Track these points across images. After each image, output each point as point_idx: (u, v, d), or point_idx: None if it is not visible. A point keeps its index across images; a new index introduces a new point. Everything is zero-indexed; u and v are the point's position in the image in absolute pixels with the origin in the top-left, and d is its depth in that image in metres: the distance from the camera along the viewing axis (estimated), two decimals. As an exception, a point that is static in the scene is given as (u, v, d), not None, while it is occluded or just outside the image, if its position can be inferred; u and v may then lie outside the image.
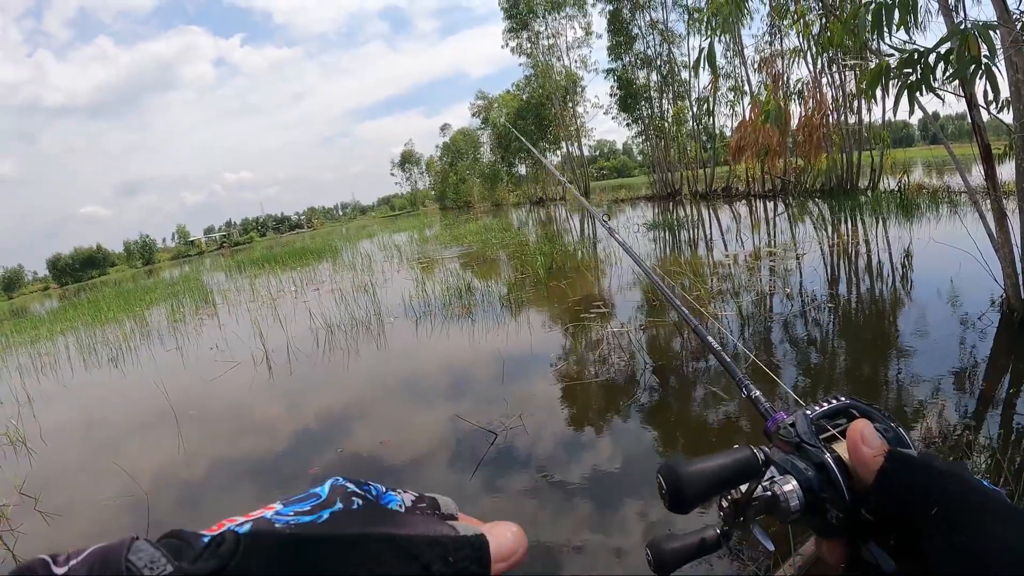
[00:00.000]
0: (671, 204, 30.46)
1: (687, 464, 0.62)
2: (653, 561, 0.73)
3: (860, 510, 0.58)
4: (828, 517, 0.60)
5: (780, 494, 0.61)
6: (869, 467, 0.57)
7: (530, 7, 45.13)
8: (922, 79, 4.26)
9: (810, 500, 0.61)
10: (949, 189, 17.22)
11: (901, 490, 0.55)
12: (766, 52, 26.07)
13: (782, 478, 0.63)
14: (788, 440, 0.66)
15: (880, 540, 0.58)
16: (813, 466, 0.62)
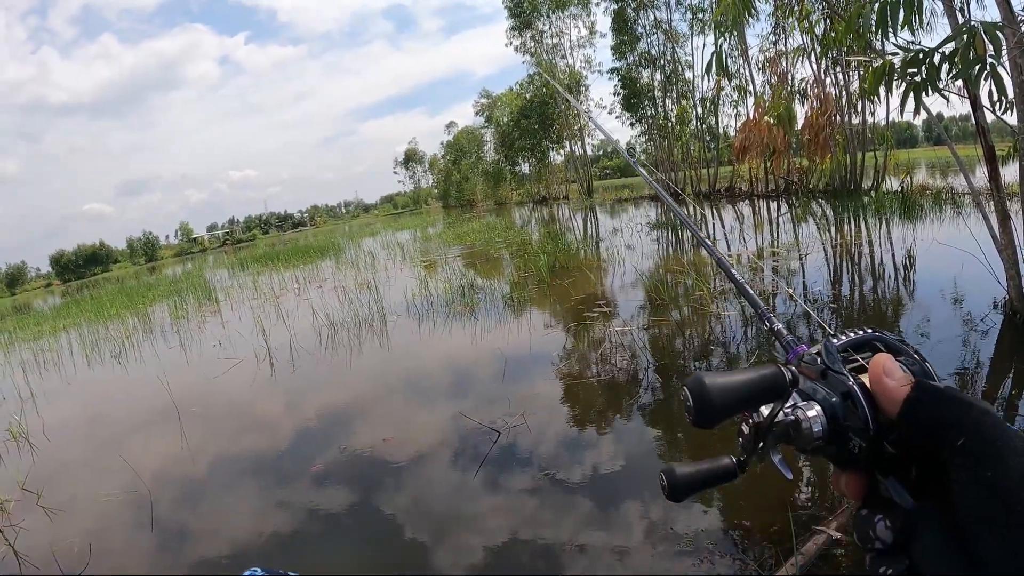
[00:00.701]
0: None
1: (714, 376, 0.61)
2: (667, 487, 0.73)
3: (883, 442, 0.56)
4: (850, 446, 0.58)
5: (803, 419, 0.60)
6: (894, 398, 0.55)
7: (534, 6, 45.11)
8: (927, 79, 4.26)
9: (833, 428, 0.59)
10: (952, 190, 17.19)
11: (927, 420, 0.53)
12: (770, 52, 26.05)
13: (805, 404, 0.61)
14: (812, 368, 0.64)
15: (900, 475, 0.57)
16: (838, 394, 0.60)
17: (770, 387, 0.60)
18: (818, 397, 0.61)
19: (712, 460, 0.73)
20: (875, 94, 5.01)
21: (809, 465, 3.93)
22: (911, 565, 0.54)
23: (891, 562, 0.55)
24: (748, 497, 3.69)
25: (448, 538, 3.77)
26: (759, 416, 0.65)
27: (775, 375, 0.60)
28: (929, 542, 0.53)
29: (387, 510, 4.12)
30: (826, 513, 3.25)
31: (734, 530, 3.36)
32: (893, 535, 0.55)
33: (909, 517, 0.55)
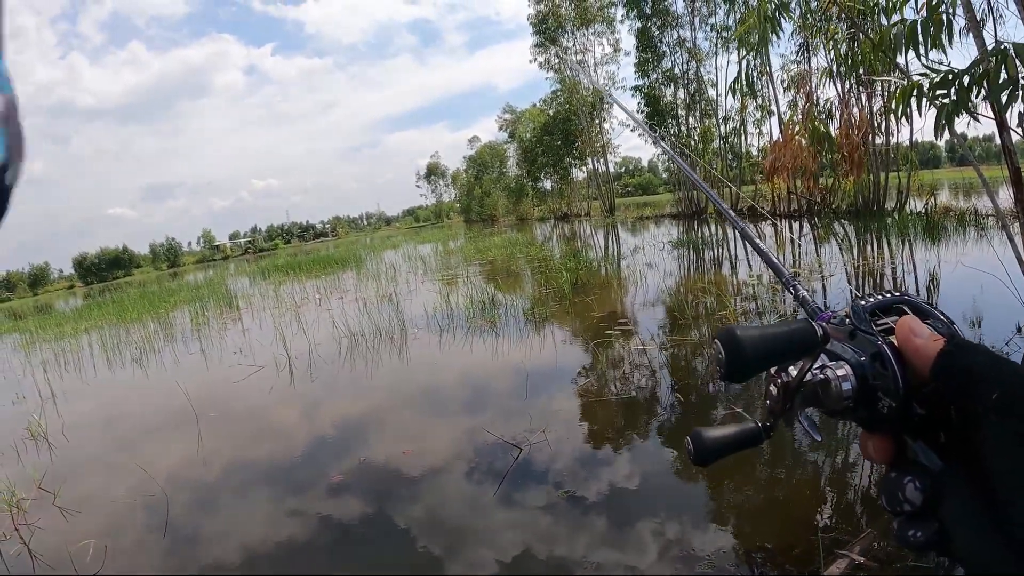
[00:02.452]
0: (696, 222, 30.36)
1: (746, 329, 0.60)
2: (694, 451, 0.73)
3: (912, 402, 0.56)
4: (879, 407, 0.58)
5: (832, 379, 0.59)
6: (926, 354, 0.55)
7: (559, 23, 45.31)
8: (959, 102, 4.23)
9: (862, 388, 0.59)
10: (976, 212, 17.05)
11: (961, 374, 0.52)
12: (792, 71, 26.01)
13: (834, 363, 0.61)
14: (841, 329, 0.63)
15: (928, 438, 0.57)
16: (867, 354, 0.59)
17: (801, 342, 0.59)
18: (847, 357, 0.61)
19: (739, 424, 0.73)
20: (904, 115, 4.98)
21: (831, 487, 3.89)
22: (940, 528, 0.54)
23: (920, 525, 0.55)
24: (769, 518, 3.65)
25: (465, 551, 3.75)
26: (787, 376, 0.64)
27: (806, 330, 0.59)
28: (959, 504, 0.53)
29: (405, 522, 4.11)
30: (849, 537, 3.21)
31: (755, 552, 3.32)
32: (923, 496, 0.54)
33: (938, 478, 0.55)
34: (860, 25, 5.91)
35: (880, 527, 3.25)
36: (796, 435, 4.68)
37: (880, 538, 3.13)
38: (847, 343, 0.62)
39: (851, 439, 4.52)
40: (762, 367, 0.60)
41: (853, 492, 3.84)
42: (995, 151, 5.75)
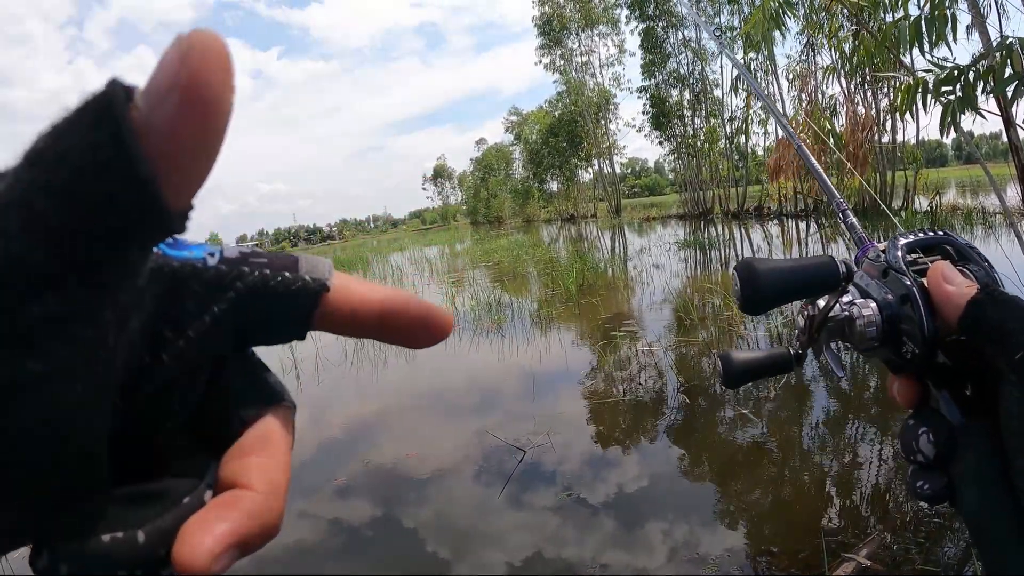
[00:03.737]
0: (703, 223, 30.33)
1: (764, 261, 0.60)
2: (723, 372, 0.71)
3: (937, 351, 0.55)
4: (903, 351, 0.57)
5: (858, 317, 0.59)
6: (956, 302, 0.52)
7: (563, 24, 45.37)
8: (964, 98, 4.20)
9: (887, 329, 0.58)
10: (984, 209, 17.00)
11: (990, 325, 0.49)
12: (798, 70, 25.99)
13: (862, 301, 0.60)
14: (875, 265, 0.62)
15: (953, 390, 0.56)
16: (897, 295, 0.58)
17: (821, 277, 0.59)
18: (877, 296, 0.60)
19: (770, 350, 0.71)
20: (908, 112, 4.96)
21: (838, 489, 3.87)
22: (949, 483, 0.54)
23: (929, 478, 0.55)
24: (776, 521, 3.64)
25: (470, 554, 3.75)
26: (815, 309, 0.63)
27: (827, 264, 0.59)
28: (971, 464, 0.52)
29: (409, 524, 4.11)
30: (856, 540, 3.19)
31: (761, 556, 3.30)
32: (935, 450, 0.54)
33: (954, 434, 0.54)
34: (863, 22, 5.89)
35: (887, 530, 3.23)
36: (804, 434, 4.66)
37: (887, 541, 3.11)
38: (879, 280, 0.61)
39: (856, 441, 4.50)
40: (779, 301, 0.60)
41: (860, 494, 3.82)
42: (1002, 148, 5.74)
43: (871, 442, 4.39)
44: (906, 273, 0.58)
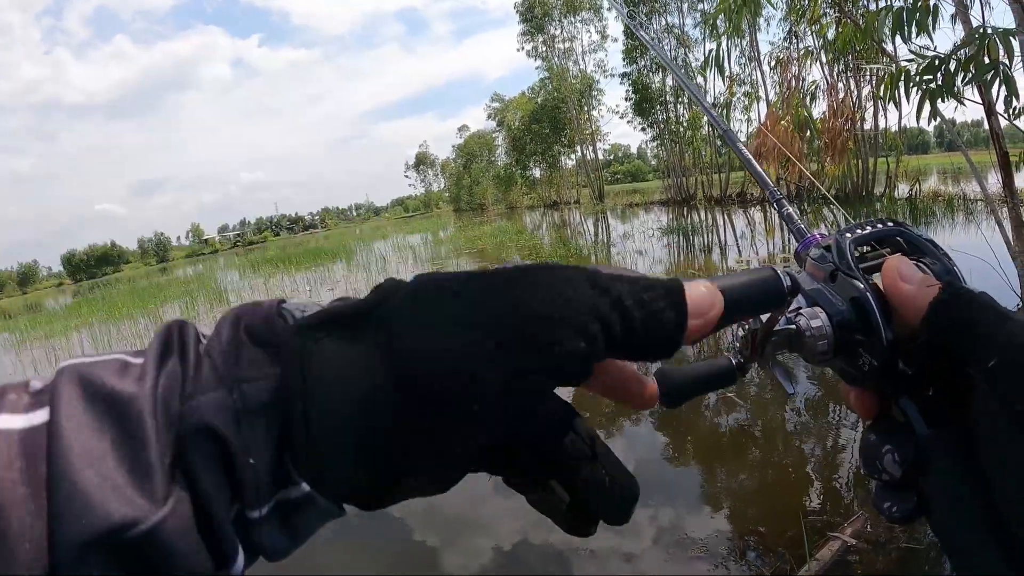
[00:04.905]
0: (685, 209, 30.39)
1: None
2: (660, 393, 0.59)
3: (896, 360, 0.49)
4: (859, 363, 0.51)
5: (805, 329, 0.51)
6: (915, 304, 0.47)
7: (545, 11, 45.21)
8: (944, 86, 4.26)
9: (840, 340, 0.51)
10: (965, 196, 17.15)
11: (957, 329, 0.44)
12: (782, 55, 26.06)
13: (810, 310, 0.52)
14: (821, 266, 0.55)
15: (917, 396, 0.50)
16: (848, 299, 0.51)
17: (764, 293, 0.47)
18: (825, 303, 0.53)
19: (710, 362, 0.61)
20: (892, 100, 5.01)
21: (822, 471, 3.93)
22: (919, 503, 0.49)
23: (897, 498, 0.50)
24: (761, 503, 3.69)
25: (461, 540, 3.78)
26: (758, 321, 0.53)
27: (769, 279, 0.47)
28: (940, 478, 0.47)
29: (398, 513, 4.13)
30: (841, 519, 3.24)
31: (748, 536, 3.35)
32: (902, 469, 0.49)
33: (922, 446, 0.48)
34: (846, 10, 5.93)
35: (871, 510, 3.29)
36: (788, 417, 4.72)
37: (871, 521, 3.17)
38: (827, 284, 0.54)
39: (838, 423, 4.56)
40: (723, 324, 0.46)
41: (844, 475, 3.88)
42: (983, 136, 5.79)
43: (853, 425, 4.45)
44: (858, 276, 0.52)
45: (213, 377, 0.35)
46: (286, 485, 0.35)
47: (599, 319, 0.35)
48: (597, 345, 0.35)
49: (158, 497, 0.31)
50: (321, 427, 0.33)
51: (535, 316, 0.34)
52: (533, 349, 0.34)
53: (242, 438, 0.33)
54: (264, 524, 0.35)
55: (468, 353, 0.34)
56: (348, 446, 0.34)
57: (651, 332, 0.37)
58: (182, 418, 0.33)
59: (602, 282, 0.36)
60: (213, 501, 0.32)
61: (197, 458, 0.32)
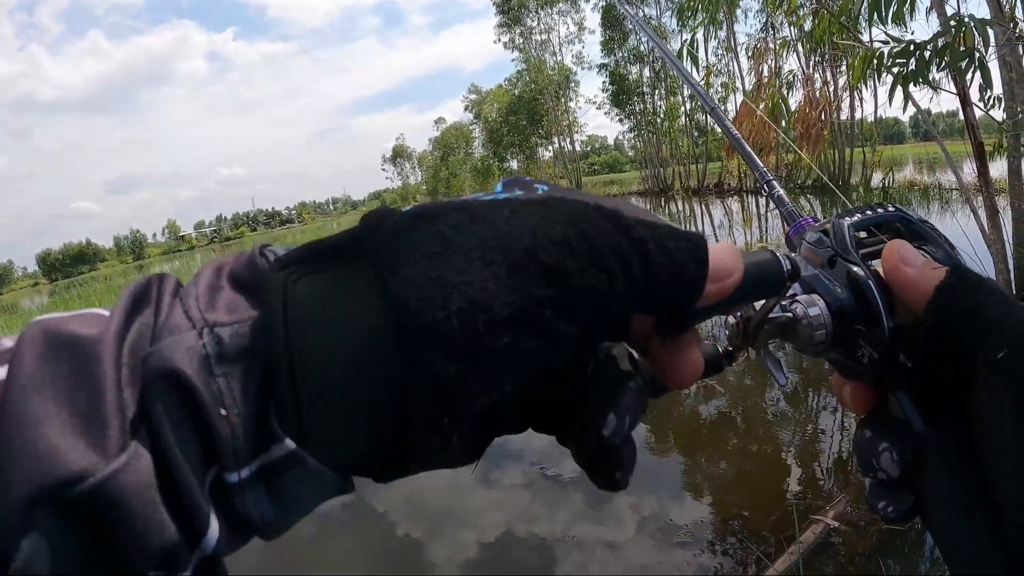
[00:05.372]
0: (663, 199, 30.49)
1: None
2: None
3: (898, 352, 0.45)
4: (858, 355, 0.47)
5: (802, 317, 0.48)
6: (920, 288, 0.43)
7: (522, 2, 45.10)
8: (917, 71, 4.29)
9: (838, 331, 0.48)
10: (940, 185, 17.31)
11: (964, 316, 0.41)
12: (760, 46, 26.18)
13: (807, 298, 0.49)
14: (818, 251, 0.52)
15: (915, 389, 0.46)
16: (847, 287, 0.48)
17: (763, 279, 0.42)
18: (823, 291, 0.49)
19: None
20: (863, 82, 5.05)
21: (805, 455, 3.96)
22: (916, 503, 0.46)
23: (893, 498, 0.47)
24: (745, 488, 3.72)
25: (444, 533, 3.79)
26: (751, 309, 0.49)
27: (769, 263, 0.42)
28: (939, 478, 0.45)
29: (381, 508, 4.13)
30: (823, 503, 3.28)
31: (733, 520, 3.38)
32: (901, 469, 0.46)
33: (921, 442, 0.45)
34: (824, 1, 5.97)
35: (853, 493, 3.33)
36: (768, 404, 4.76)
37: (853, 503, 3.20)
38: (825, 270, 0.50)
39: (819, 410, 4.61)
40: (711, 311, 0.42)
41: (826, 459, 3.93)
42: (958, 126, 5.84)
43: (833, 411, 4.49)
44: (858, 262, 0.48)
45: (183, 321, 0.31)
46: (270, 445, 0.30)
47: (619, 258, 0.32)
48: (617, 284, 0.32)
49: (111, 449, 0.27)
50: (305, 376, 0.29)
51: (550, 242, 0.30)
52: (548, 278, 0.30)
53: (214, 387, 0.29)
54: (247, 489, 0.30)
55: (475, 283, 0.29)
56: (338, 399, 0.30)
57: (672, 283, 0.33)
58: (144, 364, 0.30)
59: (624, 221, 0.32)
60: (177, 458, 0.28)
61: (159, 408, 0.29)
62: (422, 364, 0.29)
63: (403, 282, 0.30)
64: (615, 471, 0.41)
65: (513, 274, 0.30)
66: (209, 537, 0.29)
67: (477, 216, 0.31)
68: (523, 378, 0.32)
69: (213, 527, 0.30)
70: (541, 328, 0.30)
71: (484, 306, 0.29)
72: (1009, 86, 4.91)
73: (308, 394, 0.29)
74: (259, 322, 0.31)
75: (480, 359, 0.30)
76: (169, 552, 0.28)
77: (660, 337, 0.39)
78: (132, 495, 0.27)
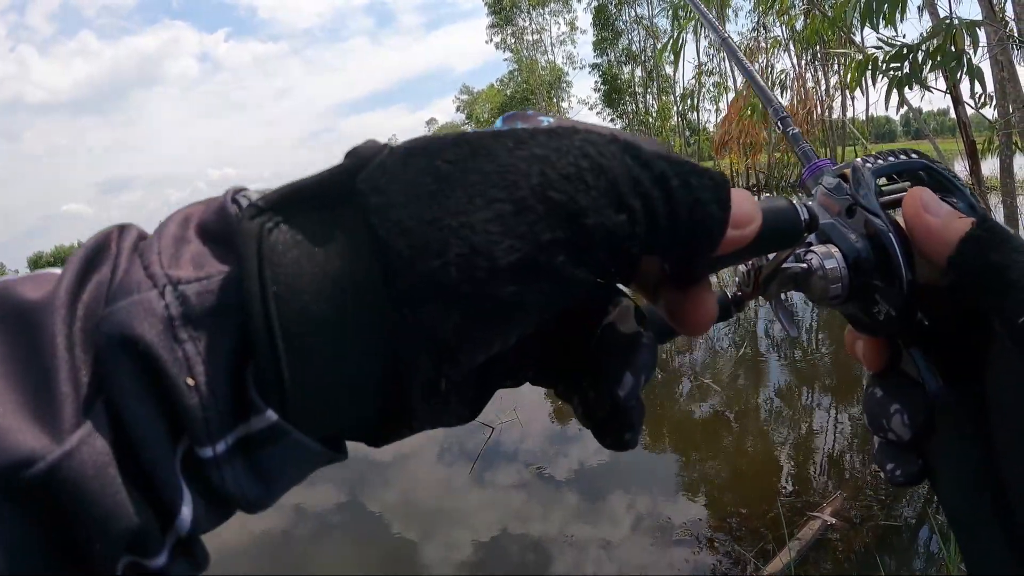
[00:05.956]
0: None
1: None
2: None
3: (916, 310, 0.42)
4: (874, 311, 0.44)
5: (816, 269, 0.45)
6: (941, 240, 0.40)
7: (513, 2, 45.06)
8: (911, 74, 4.32)
9: (855, 284, 0.44)
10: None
11: (989, 271, 0.37)
12: (751, 45, 26.24)
13: (823, 248, 0.45)
14: (836, 198, 0.48)
15: (931, 347, 0.44)
16: (866, 238, 0.44)
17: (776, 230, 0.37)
18: (840, 241, 0.46)
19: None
20: (859, 87, 5.06)
21: (801, 453, 3.98)
22: (924, 468, 0.45)
23: (902, 460, 0.46)
24: (742, 486, 3.73)
25: (440, 534, 3.79)
26: (763, 259, 0.46)
27: (786, 212, 0.37)
28: (951, 443, 0.43)
29: (377, 509, 4.13)
30: (819, 500, 3.30)
31: (730, 518, 3.39)
32: (912, 432, 0.44)
33: (933, 403, 0.43)
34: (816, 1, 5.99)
35: (849, 490, 3.35)
36: (763, 403, 4.77)
37: (849, 500, 3.22)
38: (842, 218, 0.47)
39: (813, 409, 4.62)
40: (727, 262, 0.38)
41: (822, 457, 3.94)
42: (949, 124, 5.87)
43: (827, 409, 4.51)
44: (879, 213, 0.44)
45: (142, 279, 0.27)
46: (249, 416, 0.26)
47: (641, 196, 0.27)
48: (638, 225, 0.27)
49: (64, 428, 0.25)
50: (285, 337, 0.25)
51: (562, 177, 0.26)
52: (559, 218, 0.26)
53: (179, 353, 0.25)
54: (224, 464, 0.26)
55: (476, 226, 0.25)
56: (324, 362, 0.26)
57: (695, 223, 0.29)
58: (98, 328, 0.26)
59: (644, 155, 0.28)
60: (140, 434, 0.25)
61: (116, 380, 0.25)
62: (417, 319, 0.26)
63: (393, 226, 0.26)
64: (625, 432, 0.36)
65: (519, 214, 0.26)
66: (183, 517, 0.27)
67: (478, 149, 0.27)
68: (531, 328, 0.29)
69: (186, 506, 0.27)
70: (551, 275, 0.27)
71: (486, 252, 0.25)
72: (1001, 85, 4.94)
73: (289, 358, 0.26)
74: (230, 277, 0.27)
75: (482, 311, 0.26)
76: (138, 535, 0.26)
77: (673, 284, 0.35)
78: (90, 477, 0.24)
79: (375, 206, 0.26)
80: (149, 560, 0.27)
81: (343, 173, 0.28)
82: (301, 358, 0.26)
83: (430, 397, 0.28)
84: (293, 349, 0.25)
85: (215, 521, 0.29)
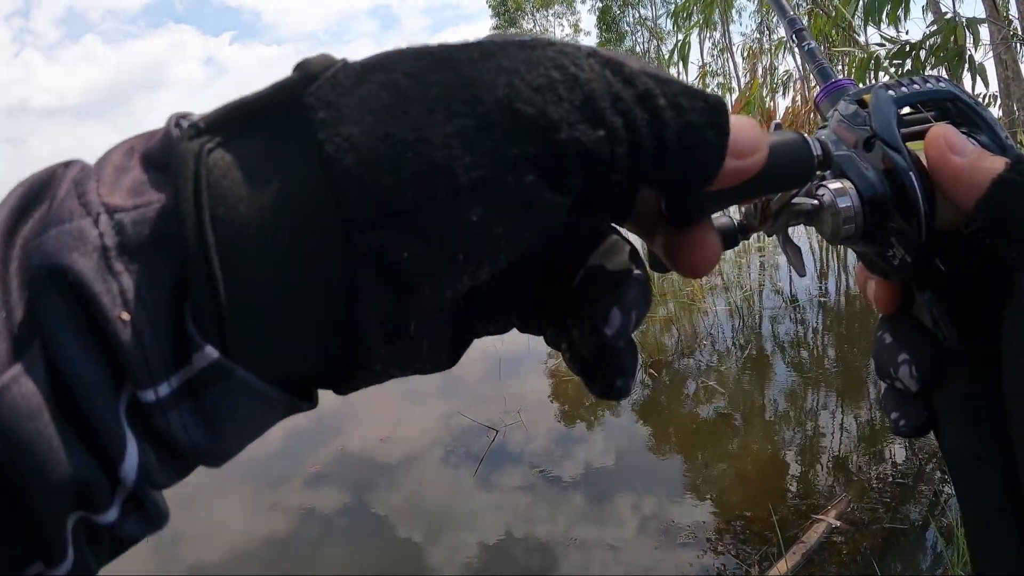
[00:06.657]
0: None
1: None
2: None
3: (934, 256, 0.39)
4: (888, 255, 0.41)
5: (828, 205, 0.41)
6: (967, 182, 0.36)
7: (518, 4, 45.15)
8: (913, 71, 4.31)
9: (869, 223, 0.40)
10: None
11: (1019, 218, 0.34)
12: (754, 47, 26.25)
13: (837, 184, 0.41)
14: (853, 128, 0.43)
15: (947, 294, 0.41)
16: (884, 175, 0.40)
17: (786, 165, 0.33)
18: (855, 176, 0.41)
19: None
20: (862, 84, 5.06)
21: (806, 454, 3.97)
22: (930, 420, 0.43)
23: (907, 410, 0.44)
24: (746, 488, 3.72)
25: (445, 536, 3.78)
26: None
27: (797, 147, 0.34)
28: (960, 397, 0.41)
29: (382, 511, 4.12)
30: (825, 502, 3.28)
31: (735, 521, 3.38)
32: (920, 385, 0.42)
33: (945, 354, 0.41)
34: (819, 1, 5.99)
35: (855, 492, 3.33)
36: (767, 403, 4.76)
37: (855, 502, 3.21)
38: (859, 152, 0.42)
39: (819, 409, 4.61)
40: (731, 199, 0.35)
41: (827, 458, 3.92)
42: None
43: (833, 410, 4.49)
44: (901, 149, 0.40)
45: (76, 207, 0.24)
46: (191, 355, 0.24)
47: (621, 113, 0.24)
48: (619, 145, 0.24)
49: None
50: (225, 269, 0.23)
51: (531, 88, 0.24)
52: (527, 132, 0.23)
53: (113, 286, 0.23)
54: (168, 408, 0.24)
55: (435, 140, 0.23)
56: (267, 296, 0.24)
57: (685, 151, 0.26)
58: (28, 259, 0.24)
59: (626, 71, 0.25)
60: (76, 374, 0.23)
61: (47, 314, 0.23)
62: (369, 246, 0.24)
63: (343, 142, 0.23)
64: (616, 377, 0.32)
65: (484, 129, 0.23)
66: (127, 465, 0.24)
67: (441, 62, 0.24)
68: (503, 262, 0.26)
69: (131, 453, 0.24)
70: (521, 198, 0.24)
71: (445, 169, 0.23)
72: (1005, 83, 4.94)
73: (229, 291, 0.23)
74: (169, 204, 0.24)
75: (444, 239, 0.24)
76: (83, 485, 0.24)
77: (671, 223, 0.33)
78: (22, 419, 0.22)
79: (323, 120, 0.24)
80: (99, 515, 0.25)
81: (291, 87, 0.25)
82: (243, 288, 0.24)
83: (395, 338, 0.26)
84: (233, 278, 0.23)
85: (172, 475, 0.27)
